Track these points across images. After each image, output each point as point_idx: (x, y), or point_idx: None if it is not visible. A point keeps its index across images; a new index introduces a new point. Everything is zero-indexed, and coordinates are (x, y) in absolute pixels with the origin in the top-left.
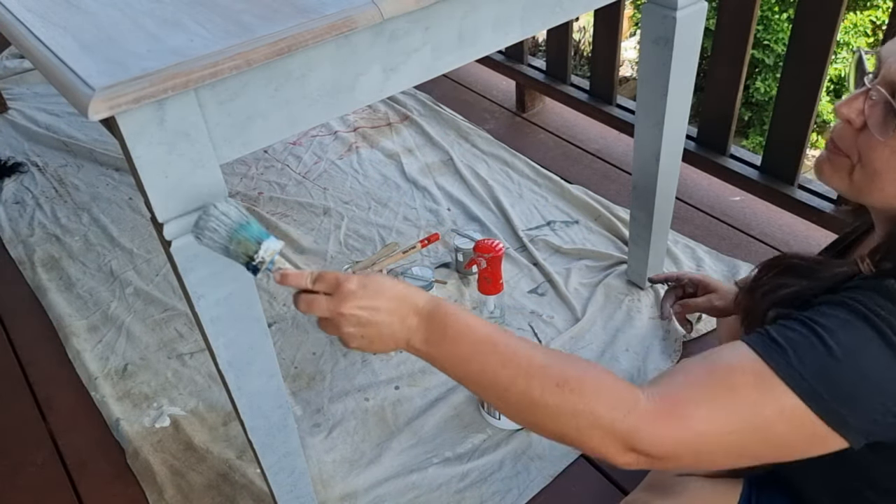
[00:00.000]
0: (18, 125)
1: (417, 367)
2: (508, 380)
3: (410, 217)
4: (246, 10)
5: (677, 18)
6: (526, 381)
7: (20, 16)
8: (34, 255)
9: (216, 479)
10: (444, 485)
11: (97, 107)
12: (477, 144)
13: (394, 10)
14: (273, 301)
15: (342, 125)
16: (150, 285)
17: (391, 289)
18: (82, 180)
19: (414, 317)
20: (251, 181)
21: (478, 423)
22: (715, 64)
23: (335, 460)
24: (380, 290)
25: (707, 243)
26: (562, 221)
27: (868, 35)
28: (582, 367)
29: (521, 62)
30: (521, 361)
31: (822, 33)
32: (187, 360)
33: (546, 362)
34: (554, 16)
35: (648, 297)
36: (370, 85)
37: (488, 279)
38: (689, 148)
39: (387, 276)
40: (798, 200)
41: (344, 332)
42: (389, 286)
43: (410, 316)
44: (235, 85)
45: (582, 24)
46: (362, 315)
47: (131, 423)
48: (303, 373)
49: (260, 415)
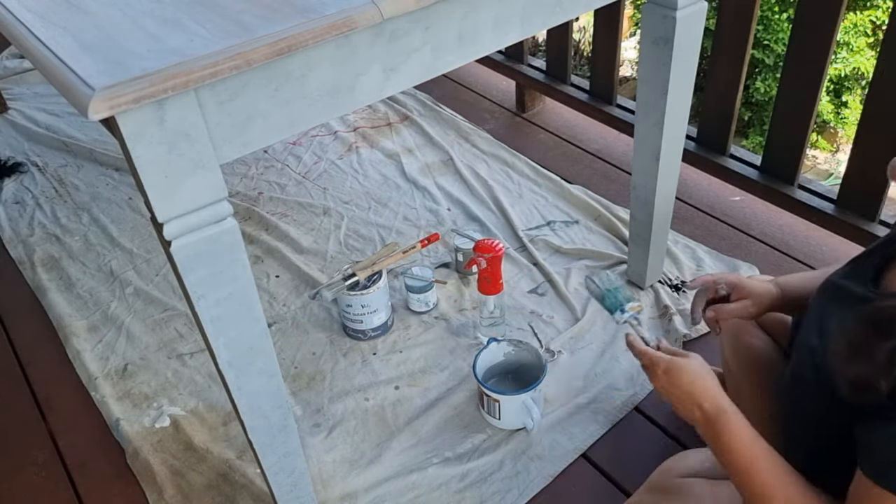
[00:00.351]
0: (18, 125)
1: (417, 367)
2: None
3: (410, 217)
4: (246, 10)
5: (677, 18)
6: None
7: (20, 16)
8: (34, 255)
9: (216, 479)
10: (444, 485)
11: (97, 107)
12: (477, 144)
13: (394, 10)
14: (273, 301)
15: (342, 125)
16: (150, 285)
17: (687, 384)
18: (82, 180)
19: (698, 412)
20: (251, 181)
21: (478, 423)
22: (715, 64)
23: (335, 460)
24: (675, 383)
25: (707, 243)
26: (562, 221)
27: (868, 35)
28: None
29: (521, 62)
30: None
31: (822, 33)
32: (187, 360)
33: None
34: (554, 16)
35: (648, 296)
36: (370, 85)
37: (488, 279)
38: (689, 148)
39: (690, 362)
40: (798, 200)
41: (657, 375)
42: (686, 381)
43: (695, 410)
44: (235, 85)
45: (582, 24)
46: (662, 392)
47: (131, 423)
48: (303, 373)
49: (260, 415)
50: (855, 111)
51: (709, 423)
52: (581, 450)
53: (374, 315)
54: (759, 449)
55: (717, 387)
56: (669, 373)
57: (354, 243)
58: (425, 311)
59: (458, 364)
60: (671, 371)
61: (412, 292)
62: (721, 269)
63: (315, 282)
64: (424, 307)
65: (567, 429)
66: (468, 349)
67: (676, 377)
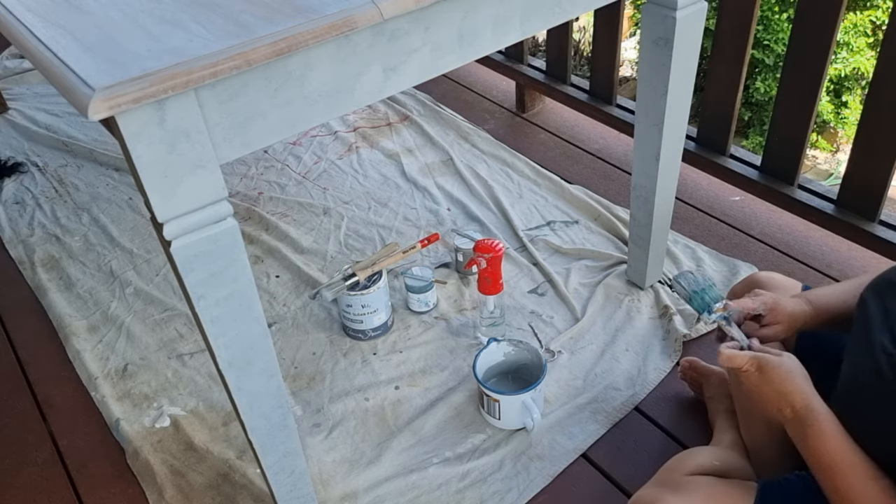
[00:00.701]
0: (18, 125)
1: (417, 368)
2: (837, 491)
3: (410, 217)
4: (246, 10)
5: (677, 18)
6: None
7: (20, 16)
8: (34, 255)
9: (216, 479)
10: (444, 485)
11: (97, 107)
12: (477, 144)
13: (394, 10)
14: (273, 301)
15: (342, 125)
16: (150, 285)
17: (779, 383)
18: (82, 180)
19: (789, 410)
20: (251, 181)
21: (478, 423)
22: (715, 64)
23: (335, 460)
24: (768, 381)
25: (707, 243)
26: (562, 221)
27: (868, 35)
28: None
29: (521, 62)
30: (850, 495)
31: (822, 33)
32: (187, 361)
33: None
34: (554, 16)
35: (648, 297)
36: (370, 85)
37: (488, 279)
38: (689, 148)
39: (784, 361)
40: (798, 200)
41: (749, 372)
42: (778, 379)
43: (786, 409)
44: (235, 85)
45: (582, 24)
46: (753, 389)
47: (131, 423)
48: (303, 373)
49: (260, 415)
50: (855, 111)
51: (799, 422)
52: (581, 450)
53: (374, 315)
54: (847, 451)
55: (809, 386)
56: (763, 370)
57: (354, 243)
58: (425, 311)
59: (458, 364)
60: (765, 369)
61: (412, 292)
62: (721, 270)
63: (315, 282)
64: (424, 307)
65: (567, 429)
66: (468, 349)
67: (769, 375)
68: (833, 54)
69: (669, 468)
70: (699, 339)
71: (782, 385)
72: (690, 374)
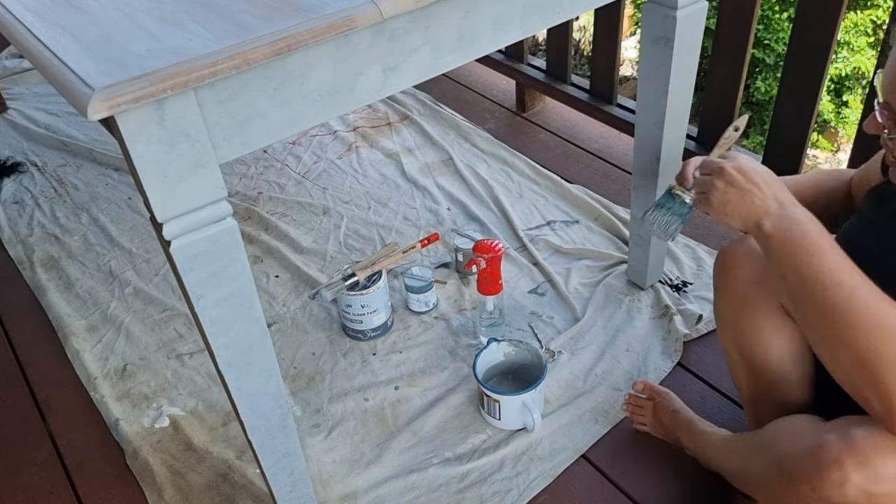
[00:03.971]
0: (18, 125)
1: (417, 368)
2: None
3: (410, 217)
4: (245, 10)
5: (677, 18)
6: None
7: (20, 16)
8: (33, 255)
9: (216, 479)
10: (444, 485)
11: (97, 106)
12: (477, 144)
13: (393, 9)
14: (272, 301)
15: (342, 125)
16: (150, 285)
17: (769, 175)
18: (81, 180)
19: (774, 202)
20: (251, 181)
21: (478, 423)
22: (715, 64)
23: (335, 460)
24: (759, 172)
25: (707, 243)
26: (562, 221)
27: (868, 35)
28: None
29: (521, 62)
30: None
31: (822, 33)
32: (187, 361)
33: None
34: (554, 15)
35: (649, 297)
36: (370, 84)
37: (488, 279)
38: (689, 148)
39: (755, 161)
40: None
41: (714, 184)
42: (768, 175)
43: (772, 200)
44: (235, 85)
45: (582, 23)
46: (739, 179)
47: (131, 423)
48: (303, 373)
49: (260, 415)
50: (855, 110)
51: (792, 207)
52: (581, 450)
53: (373, 315)
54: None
55: (785, 192)
56: (755, 166)
57: (354, 243)
58: (425, 311)
59: (457, 364)
60: (755, 164)
61: (412, 292)
62: None
63: (315, 282)
64: (424, 307)
65: (567, 429)
66: (468, 349)
67: (761, 170)
68: (834, 54)
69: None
70: (700, 340)
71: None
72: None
